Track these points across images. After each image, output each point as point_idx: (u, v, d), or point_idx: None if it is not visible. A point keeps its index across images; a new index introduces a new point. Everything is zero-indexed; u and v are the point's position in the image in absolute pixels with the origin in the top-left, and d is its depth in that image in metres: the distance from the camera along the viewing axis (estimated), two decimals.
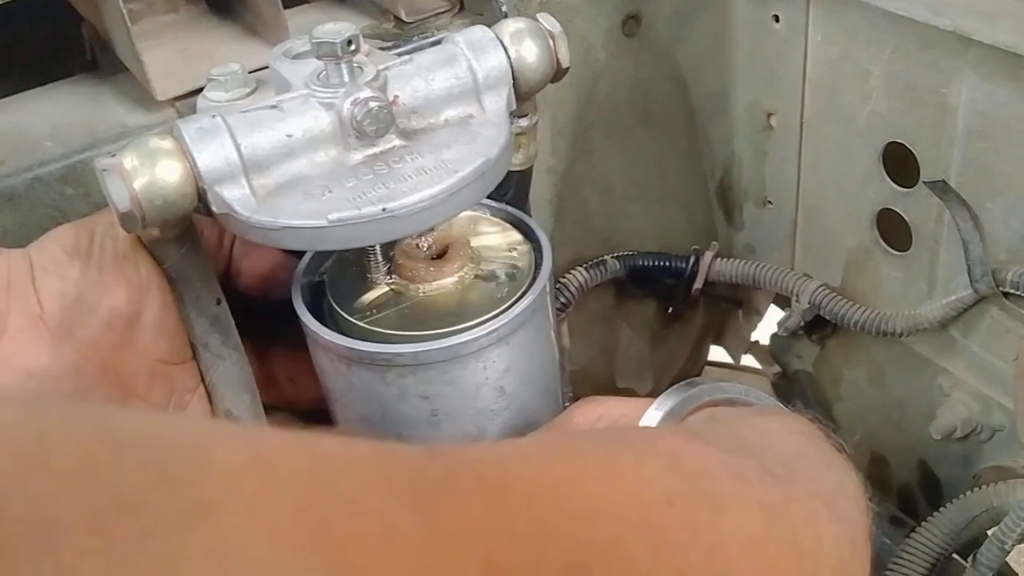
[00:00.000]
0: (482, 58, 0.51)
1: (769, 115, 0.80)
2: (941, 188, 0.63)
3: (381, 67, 0.50)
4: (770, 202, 0.84)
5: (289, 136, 0.47)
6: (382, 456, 0.30)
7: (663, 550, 0.35)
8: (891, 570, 0.65)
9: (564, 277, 0.79)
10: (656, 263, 0.83)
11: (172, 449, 0.24)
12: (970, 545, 0.66)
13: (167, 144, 0.45)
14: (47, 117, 0.59)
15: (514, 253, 0.56)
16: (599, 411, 0.52)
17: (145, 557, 0.21)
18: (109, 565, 0.20)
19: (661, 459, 0.39)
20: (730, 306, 0.95)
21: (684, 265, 0.83)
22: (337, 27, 0.48)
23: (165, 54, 0.59)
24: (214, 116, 0.46)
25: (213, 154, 0.46)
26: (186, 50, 0.60)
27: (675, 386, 0.50)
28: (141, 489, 0.22)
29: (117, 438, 0.23)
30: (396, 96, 0.49)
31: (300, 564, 0.24)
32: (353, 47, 0.47)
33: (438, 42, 0.53)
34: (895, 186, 0.71)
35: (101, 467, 0.22)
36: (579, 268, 0.80)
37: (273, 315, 0.57)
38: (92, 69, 0.66)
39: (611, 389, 0.90)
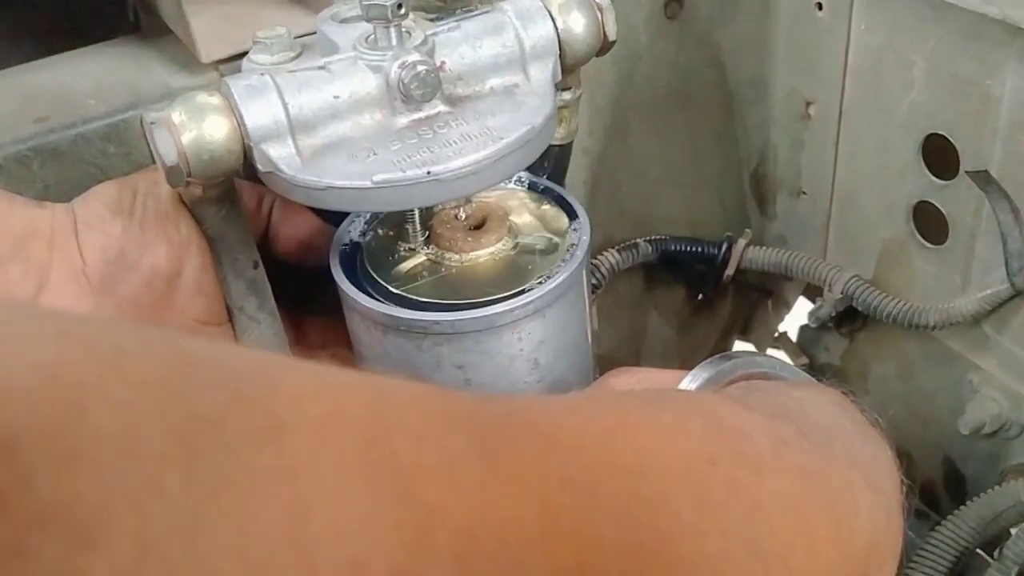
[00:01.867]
0: (530, 27, 0.51)
1: (808, 104, 0.79)
2: (983, 179, 0.62)
3: (429, 32, 0.50)
4: (804, 193, 0.84)
5: (336, 97, 0.47)
6: (441, 394, 0.30)
7: (706, 507, 0.35)
8: (915, 562, 0.65)
9: (595, 259, 0.79)
10: (688, 248, 0.82)
11: (242, 371, 0.24)
12: (994, 541, 0.66)
13: (215, 100, 0.45)
14: (91, 76, 0.60)
15: (552, 227, 0.56)
16: (634, 380, 0.51)
17: (224, 470, 0.21)
18: (191, 476, 0.20)
19: (702, 419, 0.39)
20: (759, 296, 0.94)
21: (716, 251, 0.82)
22: None
23: (210, 17, 0.59)
24: (262, 74, 0.46)
25: (260, 112, 0.46)
26: (231, 14, 0.60)
27: (710, 359, 0.50)
28: (218, 404, 0.22)
29: (191, 357, 0.23)
30: (443, 62, 0.49)
31: (368, 489, 0.24)
32: (403, 11, 0.47)
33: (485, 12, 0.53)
34: (933, 178, 0.70)
35: (179, 381, 0.22)
36: (611, 250, 0.80)
37: (309, 282, 0.57)
38: (134, 32, 0.66)
39: None
